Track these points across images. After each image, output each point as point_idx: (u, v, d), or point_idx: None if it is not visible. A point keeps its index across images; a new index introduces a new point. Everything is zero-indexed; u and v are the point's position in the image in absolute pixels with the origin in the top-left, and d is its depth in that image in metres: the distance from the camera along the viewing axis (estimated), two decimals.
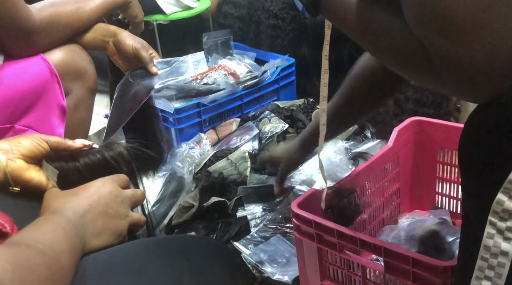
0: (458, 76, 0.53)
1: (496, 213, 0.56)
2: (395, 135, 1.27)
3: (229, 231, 1.35)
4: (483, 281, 0.59)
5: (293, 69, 2.03)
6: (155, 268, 0.71)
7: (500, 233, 0.57)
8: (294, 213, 1.00)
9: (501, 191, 0.55)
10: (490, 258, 0.58)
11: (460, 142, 0.63)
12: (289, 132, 1.71)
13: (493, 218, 0.57)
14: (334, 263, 1.01)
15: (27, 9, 1.10)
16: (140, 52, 1.22)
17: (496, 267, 0.57)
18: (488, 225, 0.57)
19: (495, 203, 0.56)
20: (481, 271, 0.59)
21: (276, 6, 2.11)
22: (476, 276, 0.60)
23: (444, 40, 0.52)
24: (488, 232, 0.57)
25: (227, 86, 1.83)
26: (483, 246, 0.58)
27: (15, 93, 1.08)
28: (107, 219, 0.71)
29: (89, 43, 1.25)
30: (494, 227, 0.57)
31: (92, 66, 1.26)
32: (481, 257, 0.59)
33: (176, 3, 2.16)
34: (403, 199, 1.35)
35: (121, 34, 1.24)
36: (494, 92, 0.54)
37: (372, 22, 0.63)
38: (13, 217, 0.68)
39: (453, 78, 0.54)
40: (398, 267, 0.88)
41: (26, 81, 1.11)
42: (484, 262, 0.58)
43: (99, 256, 0.72)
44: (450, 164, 1.29)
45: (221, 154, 1.61)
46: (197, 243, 0.81)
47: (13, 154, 0.75)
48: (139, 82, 1.20)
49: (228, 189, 1.47)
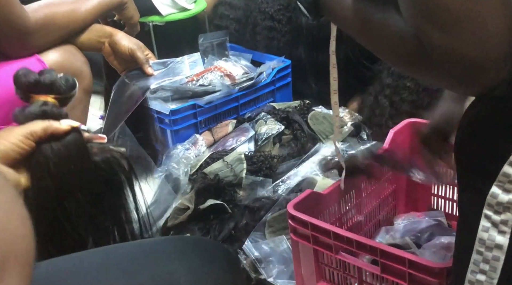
0: (453, 69, 0.54)
1: (490, 206, 0.57)
2: (390, 136, 1.27)
3: (223, 229, 1.35)
4: (478, 274, 0.59)
5: (289, 70, 2.03)
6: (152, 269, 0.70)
7: (495, 226, 0.57)
8: (290, 215, 1.00)
9: (495, 184, 0.56)
10: (485, 251, 0.58)
11: (456, 135, 0.64)
12: (285, 134, 1.71)
13: (488, 211, 0.57)
14: (330, 264, 1.01)
15: (23, 9, 1.10)
16: (135, 53, 1.22)
17: (490, 260, 0.58)
18: (483, 218, 0.58)
19: (490, 196, 0.56)
20: (476, 264, 0.59)
21: (272, 8, 2.11)
22: (471, 270, 0.60)
23: (438, 32, 0.53)
24: (483, 225, 0.58)
25: (223, 87, 1.83)
26: (478, 239, 0.58)
27: (10, 94, 1.08)
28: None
29: (85, 44, 1.25)
30: (489, 220, 0.57)
31: (88, 67, 1.26)
32: (476, 251, 0.59)
33: (172, 4, 2.16)
34: (399, 200, 1.35)
35: (117, 35, 1.24)
36: (488, 85, 0.54)
37: (370, 20, 0.65)
38: None
39: (448, 71, 0.55)
40: (394, 268, 0.88)
41: None
42: (479, 256, 0.59)
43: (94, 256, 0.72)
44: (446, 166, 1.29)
45: (217, 156, 1.61)
46: (194, 243, 0.81)
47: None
48: (134, 83, 1.20)
49: (223, 191, 1.47)
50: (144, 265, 0.71)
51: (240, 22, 2.24)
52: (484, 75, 0.53)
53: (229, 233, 1.35)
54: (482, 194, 0.57)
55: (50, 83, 0.77)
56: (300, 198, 1.05)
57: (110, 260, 0.71)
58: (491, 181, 0.56)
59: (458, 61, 0.53)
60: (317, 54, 1.97)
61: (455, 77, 0.55)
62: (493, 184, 0.56)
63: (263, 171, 1.51)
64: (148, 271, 0.70)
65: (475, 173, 0.60)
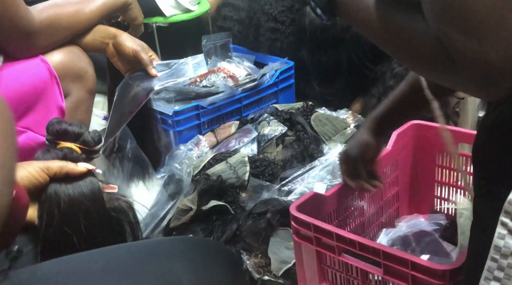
0: (475, 74, 0.54)
1: (508, 213, 0.56)
2: (394, 138, 1.27)
3: (226, 231, 1.35)
4: (492, 282, 0.59)
5: (292, 72, 2.03)
6: (154, 269, 0.71)
7: (511, 233, 0.56)
8: (293, 216, 1.00)
9: None
10: (500, 259, 0.57)
11: (474, 141, 0.63)
12: (288, 135, 1.71)
13: (505, 218, 0.56)
14: (333, 266, 1.00)
15: (27, 10, 1.10)
16: (139, 54, 1.22)
17: (506, 268, 0.57)
18: (500, 225, 0.57)
19: (507, 203, 0.56)
20: (490, 271, 0.59)
21: (275, 9, 2.11)
22: (485, 277, 0.59)
23: (462, 36, 0.52)
24: (499, 232, 0.57)
25: (226, 88, 1.83)
26: (493, 247, 0.58)
27: (15, 94, 1.08)
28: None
29: (89, 45, 1.25)
30: (506, 227, 0.56)
31: (92, 68, 1.26)
32: (491, 258, 0.58)
33: (176, 5, 2.16)
34: (402, 202, 1.35)
35: (121, 36, 1.24)
36: (508, 90, 0.54)
37: (390, 22, 0.63)
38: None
39: (470, 75, 0.54)
40: (397, 270, 0.88)
41: (26, 82, 1.11)
42: (494, 263, 0.58)
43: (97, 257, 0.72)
44: (449, 168, 1.29)
45: (220, 157, 1.61)
46: (196, 244, 0.81)
47: None
48: (138, 84, 1.20)
49: (226, 192, 1.47)
50: (146, 266, 0.71)
51: (244, 24, 2.24)
52: (506, 81, 0.53)
53: (232, 234, 1.35)
54: (500, 200, 0.56)
55: (78, 133, 0.83)
56: (303, 199, 1.05)
57: (113, 260, 0.72)
58: (509, 188, 0.55)
59: (481, 66, 0.52)
60: (320, 56, 1.97)
61: (477, 82, 0.55)
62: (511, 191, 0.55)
63: (265, 177, 1.50)
64: (150, 272, 0.70)
65: (493, 179, 0.60)
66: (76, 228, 0.77)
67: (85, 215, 0.78)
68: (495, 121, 0.59)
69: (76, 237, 0.77)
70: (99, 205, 0.79)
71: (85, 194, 0.78)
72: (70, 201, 0.77)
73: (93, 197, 0.79)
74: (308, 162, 1.56)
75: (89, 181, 0.80)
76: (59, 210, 0.76)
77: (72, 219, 0.76)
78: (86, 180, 0.79)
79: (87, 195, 0.78)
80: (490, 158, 0.60)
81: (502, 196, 0.56)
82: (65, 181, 0.78)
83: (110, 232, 0.81)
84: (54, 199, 0.76)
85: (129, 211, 0.84)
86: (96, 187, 0.80)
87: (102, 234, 0.79)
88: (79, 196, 0.78)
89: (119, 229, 0.82)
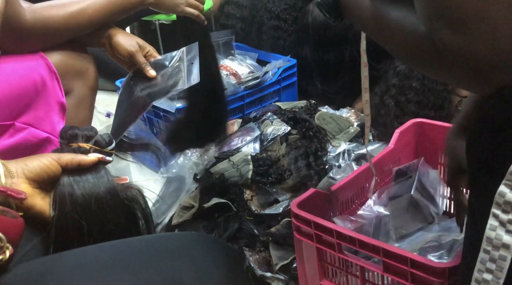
0: (464, 68, 0.54)
1: (498, 205, 0.57)
2: (396, 136, 1.27)
3: (228, 228, 1.35)
4: (484, 273, 0.59)
5: (295, 70, 2.03)
6: (156, 265, 0.71)
7: (502, 225, 0.57)
8: (294, 213, 1.01)
9: (504, 183, 0.56)
10: (492, 250, 0.58)
11: (468, 134, 0.64)
12: (292, 134, 1.71)
13: (496, 210, 0.57)
14: (333, 263, 1.01)
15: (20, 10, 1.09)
16: (134, 57, 1.19)
17: (497, 260, 0.58)
18: (491, 217, 0.57)
19: (498, 195, 0.56)
20: (482, 263, 0.59)
21: (278, 7, 2.11)
22: (478, 269, 0.60)
23: (450, 32, 0.53)
24: (490, 224, 0.57)
25: (229, 86, 1.83)
26: (485, 238, 0.58)
27: (14, 90, 1.07)
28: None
29: (88, 43, 1.24)
30: (497, 219, 0.57)
31: (93, 65, 1.25)
32: (483, 250, 0.59)
33: None
34: None
35: (115, 36, 1.20)
36: (499, 84, 0.54)
37: (385, 19, 0.66)
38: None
39: (460, 70, 0.55)
40: (396, 268, 0.88)
41: (24, 77, 1.10)
42: (486, 255, 0.58)
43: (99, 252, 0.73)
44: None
45: (222, 156, 1.61)
46: (198, 240, 0.81)
47: (18, 178, 0.72)
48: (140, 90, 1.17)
49: (228, 190, 1.47)
50: (148, 261, 0.72)
51: (246, 21, 2.24)
52: (495, 75, 0.53)
53: (234, 231, 1.35)
54: (491, 192, 0.57)
55: (89, 136, 0.84)
56: (304, 197, 1.05)
57: (115, 255, 0.72)
58: (500, 180, 0.56)
59: (470, 60, 0.53)
60: (323, 54, 1.97)
61: (467, 76, 0.55)
62: (502, 182, 0.56)
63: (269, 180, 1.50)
64: (152, 267, 0.71)
65: (484, 171, 0.60)
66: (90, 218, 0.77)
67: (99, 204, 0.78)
68: (486, 114, 0.60)
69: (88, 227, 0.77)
70: (113, 194, 0.80)
71: (98, 184, 0.79)
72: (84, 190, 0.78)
73: (106, 186, 0.79)
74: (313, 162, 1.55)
75: (103, 171, 0.81)
76: (71, 200, 0.76)
77: (85, 209, 0.77)
78: (99, 170, 0.80)
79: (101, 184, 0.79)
80: (481, 150, 0.60)
81: (492, 188, 0.57)
82: (78, 172, 0.79)
83: (123, 220, 0.81)
84: (67, 189, 0.77)
85: (140, 199, 0.84)
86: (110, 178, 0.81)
87: (115, 222, 0.80)
88: (93, 186, 0.78)
89: (131, 218, 0.83)
